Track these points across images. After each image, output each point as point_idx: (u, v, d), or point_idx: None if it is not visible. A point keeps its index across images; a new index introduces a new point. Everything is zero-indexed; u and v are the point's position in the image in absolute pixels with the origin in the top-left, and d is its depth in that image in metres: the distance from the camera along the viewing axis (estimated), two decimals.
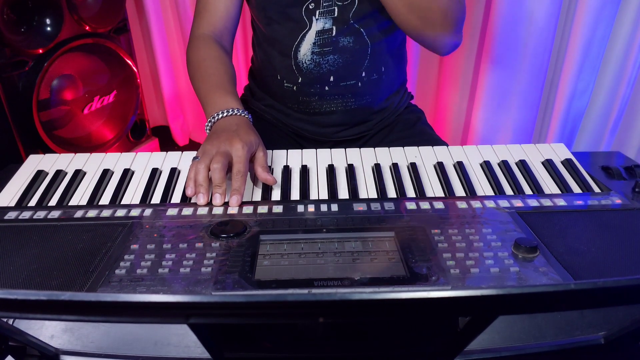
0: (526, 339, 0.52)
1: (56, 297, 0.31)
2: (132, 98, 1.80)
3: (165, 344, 0.52)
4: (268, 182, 0.73)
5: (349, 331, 0.47)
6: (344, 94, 0.98)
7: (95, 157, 0.83)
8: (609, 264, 0.56)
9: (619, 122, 1.69)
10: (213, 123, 0.79)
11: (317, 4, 0.90)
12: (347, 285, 0.53)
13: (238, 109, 0.81)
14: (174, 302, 0.32)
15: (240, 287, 0.52)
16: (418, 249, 0.58)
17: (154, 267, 0.56)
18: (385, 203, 0.68)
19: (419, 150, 0.84)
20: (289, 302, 0.32)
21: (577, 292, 0.32)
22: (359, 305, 0.32)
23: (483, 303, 0.33)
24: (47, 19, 1.47)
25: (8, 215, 0.67)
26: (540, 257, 0.57)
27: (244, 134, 0.75)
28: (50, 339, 0.52)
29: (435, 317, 0.44)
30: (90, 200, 0.72)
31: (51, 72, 1.50)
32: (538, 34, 1.57)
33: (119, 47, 1.70)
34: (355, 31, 0.92)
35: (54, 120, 1.58)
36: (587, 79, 1.62)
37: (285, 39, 0.94)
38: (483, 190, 0.73)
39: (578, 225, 0.63)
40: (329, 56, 0.94)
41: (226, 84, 0.87)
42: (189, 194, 0.69)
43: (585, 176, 0.76)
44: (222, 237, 0.61)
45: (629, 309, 0.52)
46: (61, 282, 0.54)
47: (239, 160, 0.71)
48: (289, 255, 0.58)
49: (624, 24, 1.54)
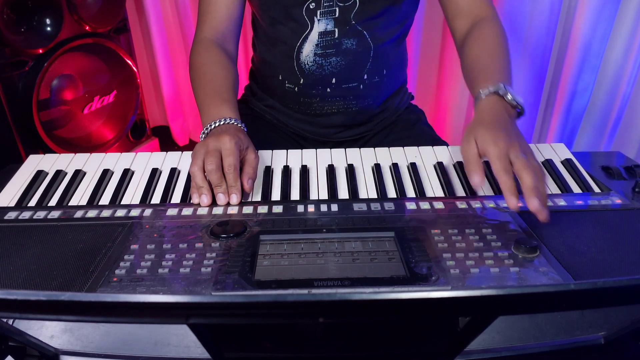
0: (526, 339, 0.52)
1: (56, 298, 0.31)
2: (132, 98, 1.80)
3: (165, 344, 0.52)
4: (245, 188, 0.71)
5: (349, 331, 0.47)
6: (346, 96, 0.98)
7: (95, 157, 0.83)
8: (609, 264, 0.56)
9: (619, 122, 1.69)
10: (206, 134, 0.79)
11: (318, 4, 0.90)
12: (347, 285, 0.53)
13: (231, 118, 0.79)
14: (174, 302, 0.32)
15: (240, 287, 0.52)
16: (418, 249, 0.58)
17: (154, 267, 0.56)
18: (385, 203, 0.68)
19: (419, 150, 0.84)
20: (289, 303, 0.32)
21: (577, 292, 0.32)
22: (359, 305, 0.32)
23: (483, 303, 0.33)
24: (47, 19, 1.47)
25: (8, 215, 0.67)
26: (540, 257, 0.57)
27: (233, 132, 0.75)
28: (50, 339, 0.52)
29: (435, 317, 0.44)
30: (90, 200, 0.72)
31: (51, 72, 1.50)
32: (538, 34, 1.57)
33: (119, 47, 1.70)
34: (358, 33, 0.92)
35: (54, 120, 1.58)
36: (587, 78, 1.62)
37: (288, 40, 0.94)
38: (483, 190, 0.73)
39: (578, 225, 0.63)
40: (331, 58, 0.93)
41: (223, 91, 0.86)
42: (195, 202, 0.70)
43: (585, 176, 0.76)
44: (222, 237, 0.61)
45: (629, 309, 0.52)
46: (61, 282, 0.54)
47: (228, 153, 0.71)
48: (289, 256, 0.58)
49: (624, 24, 1.54)
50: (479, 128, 0.68)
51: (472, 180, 0.65)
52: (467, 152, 0.68)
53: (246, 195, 0.72)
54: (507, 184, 0.62)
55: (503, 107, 0.73)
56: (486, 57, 0.83)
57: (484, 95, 0.75)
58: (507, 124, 0.69)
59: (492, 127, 0.68)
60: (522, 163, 0.63)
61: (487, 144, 0.65)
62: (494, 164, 0.64)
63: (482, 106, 0.74)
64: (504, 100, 0.73)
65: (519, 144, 0.66)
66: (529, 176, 0.61)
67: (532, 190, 0.60)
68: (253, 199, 0.73)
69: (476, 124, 0.70)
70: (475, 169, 0.65)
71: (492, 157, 0.64)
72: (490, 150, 0.65)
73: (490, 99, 0.74)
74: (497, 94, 0.74)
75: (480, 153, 0.67)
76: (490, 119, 0.70)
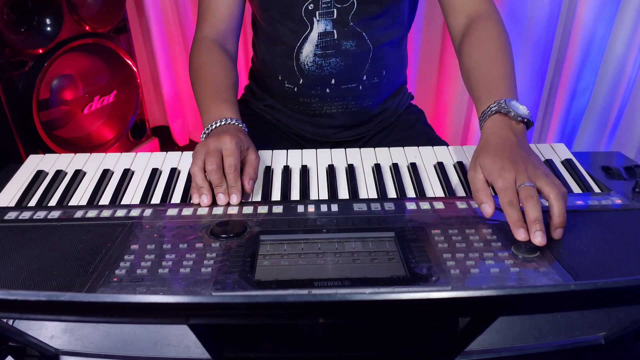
0: (526, 339, 0.52)
1: (56, 298, 0.31)
2: (132, 98, 1.80)
3: (165, 344, 0.52)
4: (246, 188, 0.71)
5: (349, 331, 0.47)
6: (345, 97, 0.98)
7: (95, 157, 0.83)
8: (609, 264, 0.56)
9: (619, 122, 1.69)
10: (207, 134, 0.78)
11: (317, 5, 0.90)
12: (347, 285, 0.53)
13: (232, 118, 0.79)
14: (174, 302, 0.32)
15: (240, 288, 0.52)
16: (418, 249, 0.58)
17: (154, 267, 0.56)
18: (385, 203, 0.68)
19: (419, 150, 0.84)
20: (289, 303, 0.32)
21: (577, 293, 0.32)
22: (359, 305, 0.32)
23: (483, 304, 0.33)
24: (47, 19, 1.47)
25: (8, 215, 0.67)
26: (540, 257, 0.57)
27: (233, 132, 0.75)
28: (50, 339, 0.52)
29: (435, 318, 0.44)
30: (90, 200, 0.72)
31: (51, 72, 1.50)
32: (538, 34, 1.57)
33: (119, 47, 1.70)
34: (357, 34, 0.92)
35: (54, 120, 1.58)
36: (587, 78, 1.62)
37: (287, 40, 0.94)
38: None
39: (578, 225, 0.63)
40: (331, 59, 0.93)
41: (223, 91, 0.86)
42: (195, 201, 0.70)
43: (585, 176, 0.76)
44: (222, 237, 0.61)
45: (629, 309, 0.52)
46: (61, 283, 0.54)
47: (229, 154, 0.71)
48: (289, 256, 0.58)
49: (624, 24, 1.54)
50: (485, 157, 0.67)
51: (482, 210, 0.64)
52: (474, 181, 0.67)
53: (246, 196, 0.72)
54: (513, 218, 0.61)
55: (508, 126, 0.71)
56: (486, 64, 0.80)
57: (487, 117, 0.73)
58: (512, 148, 0.68)
59: (498, 155, 0.66)
60: (526, 192, 0.61)
61: (493, 176, 0.65)
62: (500, 197, 0.63)
63: (486, 130, 0.72)
64: (508, 117, 0.71)
65: (525, 170, 0.64)
66: (532, 207, 0.60)
67: (534, 223, 0.59)
68: (253, 199, 0.73)
69: (482, 150, 0.69)
70: (485, 199, 0.65)
71: (498, 190, 0.64)
72: (496, 183, 0.64)
73: (493, 120, 0.72)
74: (500, 113, 0.72)
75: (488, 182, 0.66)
76: (495, 145, 0.69)
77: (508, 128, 0.70)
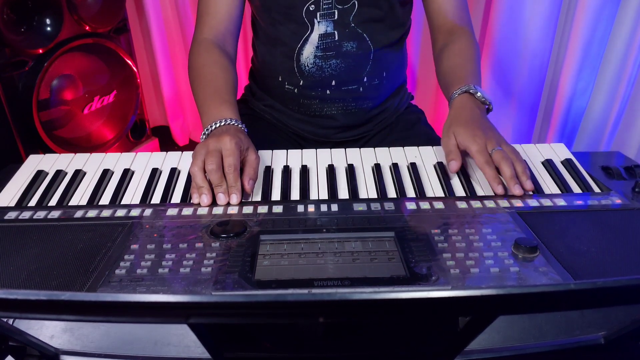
0: (526, 339, 0.52)
1: (56, 297, 0.31)
2: (132, 98, 1.80)
3: (165, 344, 0.52)
4: (246, 188, 0.72)
5: (349, 331, 0.47)
6: (345, 98, 0.98)
7: (95, 157, 0.83)
8: (608, 264, 0.56)
9: (619, 122, 1.69)
10: (207, 135, 0.78)
11: (317, 6, 0.90)
12: (347, 285, 0.53)
13: (232, 118, 0.79)
14: (174, 302, 0.32)
15: (240, 287, 0.52)
16: (418, 249, 0.58)
17: (154, 267, 0.56)
18: (385, 203, 0.68)
19: (419, 150, 0.84)
20: (289, 302, 0.32)
21: (577, 292, 0.32)
22: (359, 305, 0.32)
23: (483, 303, 0.33)
24: (47, 19, 1.47)
25: (8, 215, 0.67)
26: (540, 257, 0.57)
27: (233, 132, 0.75)
28: (50, 339, 0.52)
29: (435, 317, 0.44)
30: (90, 200, 0.72)
31: (51, 72, 1.50)
32: (538, 34, 1.57)
33: (119, 47, 1.70)
34: (357, 36, 0.92)
35: (54, 120, 1.58)
36: (587, 79, 1.62)
37: (288, 41, 0.94)
38: (483, 190, 0.73)
39: (578, 225, 0.63)
40: (331, 60, 0.93)
41: (223, 92, 0.86)
42: (195, 201, 0.70)
43: (585, 176, 0.76)
44: (222, 237, 0.61)
45: (629, 309, 0.52)
46: (61, 282, 0.54)
47: (229, 154, 0.71)
48: (289, 255, 0.58)
49: (624, 24, 1.53)
50: (457, 126, 0.77)
51: (451, 166, 0.75)
52: (447, 145, 0.77)
53: (246, 195, 0.72)
54: (491, 174, 0.72)
55: (474, 103, 0.82)
56: (459, 65, 0.92)
57: (457, 95, 0.84)
58: (480, 120, 0.79)
59: (469, 124, 0.77)
60: (499, 154, 0.72)
61: (467, 141, 0.75)
62: (476, 158, 0.73)
63: (456, 104, 0.83)
64: (474, 97, 0.82)
65: (494, 137, 0.75)
66: (507, 166, 0.71)
67: (512, 179, 0.70)
68: (253, 199, 0.73)
69: (453, 121, 0.79)
70: (455, 157, 0.75)
71: (474, 152, 0.73)
72: (470, 146, 0.74)
73: (462, 97, 0.83)
74: (469, 93, 0.83)
75: (460, 148, 0.76)
76: (465, 116, 0.79)
77: (474, 105, 0.82)
